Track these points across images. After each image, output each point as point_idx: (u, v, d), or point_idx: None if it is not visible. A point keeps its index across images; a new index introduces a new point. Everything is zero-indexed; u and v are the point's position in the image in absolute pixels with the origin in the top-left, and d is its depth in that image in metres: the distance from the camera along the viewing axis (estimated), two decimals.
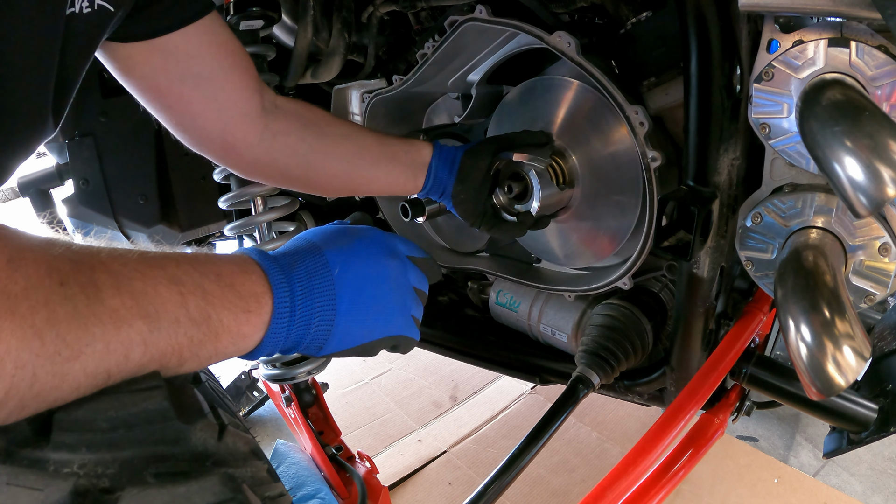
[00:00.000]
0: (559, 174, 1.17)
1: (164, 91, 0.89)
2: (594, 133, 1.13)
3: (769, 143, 0.87)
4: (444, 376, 2.53)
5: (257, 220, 1.30)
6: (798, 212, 0.89)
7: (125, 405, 0.48)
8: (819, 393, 0.70)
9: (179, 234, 1.60)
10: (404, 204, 1.23)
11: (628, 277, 1.13)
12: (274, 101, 1.02)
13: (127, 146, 1.48)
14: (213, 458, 0.51)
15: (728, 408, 1.19)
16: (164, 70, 0.86)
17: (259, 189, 1.27)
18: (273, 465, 1.34)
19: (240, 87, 0.94)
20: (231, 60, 0.92)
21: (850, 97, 0.69)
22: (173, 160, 1.53)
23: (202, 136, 0.97)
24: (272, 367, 1.36)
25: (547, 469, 1.97)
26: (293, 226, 1.40)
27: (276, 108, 1.01)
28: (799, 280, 0.78)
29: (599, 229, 1.19)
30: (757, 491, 1.83)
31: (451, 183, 1.11)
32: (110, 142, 1.47)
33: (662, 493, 1.02)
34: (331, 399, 1.78)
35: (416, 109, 1.51)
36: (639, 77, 1.06)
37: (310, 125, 1.04)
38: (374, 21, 1.41)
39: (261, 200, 1.30)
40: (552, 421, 1.00)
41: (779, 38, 0.81)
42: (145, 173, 1.50)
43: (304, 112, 1.05)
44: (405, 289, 0.76)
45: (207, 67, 0.89)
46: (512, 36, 1.18)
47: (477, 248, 1.52)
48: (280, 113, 1.02)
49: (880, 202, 0.61)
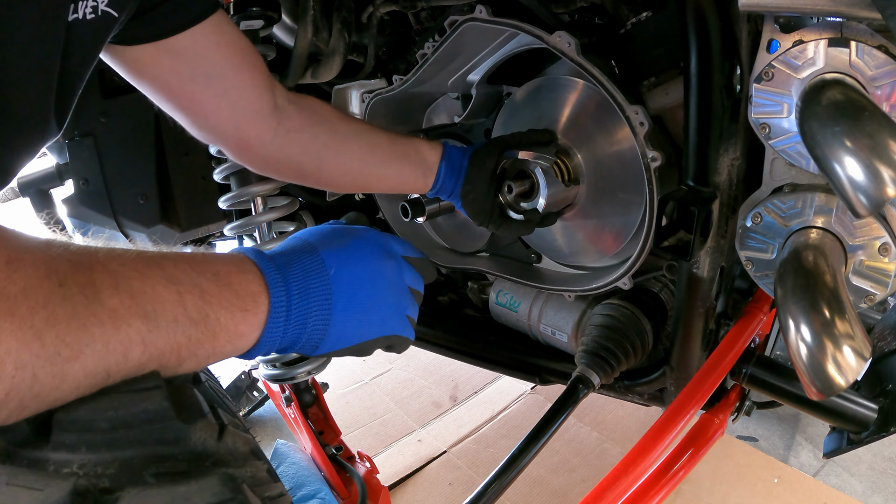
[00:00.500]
0: (564, 172, 1.17)
1: (175, 91, 0.89)
2: (598, 132, 1.14)
3: (769, 143, 0.87)
4: (444, 376, 2.53)
5: (257, 220, 1.30)
6: (798, 212, 0.89)
7: (125, 405, 0.48)
8: (819, 393, 0.70)
9: (179, 234, 1.60)
10: (404, 204, 1.23)
11: (628, 277, 1.13)
12: (287, 98, 1.01)
13: (127, 146, 1.48)
14: (213, 458, 0.51)
15: (728, 408, 1.19)
16: (174, 70, 0.86)
17: (259, 189, 1.27)
18: (273, 465, 1.34)
19: (251, 85, 0.93)
20: (240, 58, 0.92)
21: (850, 97, 0.69)
22: (173, 160, 1.52)
23: (217, 133, 0.97)
24: (272, 367, 1.36)
25: (547, 469, 1.97)
26: (293, 226, 1.40)
27: (288, 105, 1.01)
28: (799, 280, 0.78)
29: (605, 226, 1.19)
30: (757, 491, 1.83)
31: (460, 182, 1.11)
32: (110, 142, 1.46)
33: (662, 493, 1.02)
34: (331, 399, 1.78)
35: (415, 109, 1.51)
36: (639, 77, 1.06)
37: (322, 122, 1.04)
38: (374, 21, 1.41)
39: (261, 200, 1.30)
40: (552, 421, 1.00)
41: (779, 38, 0.81)
42: (145, 173, 1.50)
43: (317, 108, 1.05)
44: (401, 289, 0.76)
45: (217, 66, 0.89)
46: (512, 36, 1.18)
47: (477, 248, 1.52)
48: (293, 109, 1.02)
49: (880, 202, 0.61)
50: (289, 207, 1.34)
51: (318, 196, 1.73)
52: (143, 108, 1.44)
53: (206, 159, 1.51)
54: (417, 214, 1.23)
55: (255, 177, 1.27)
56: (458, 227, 1.54)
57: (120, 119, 1.46)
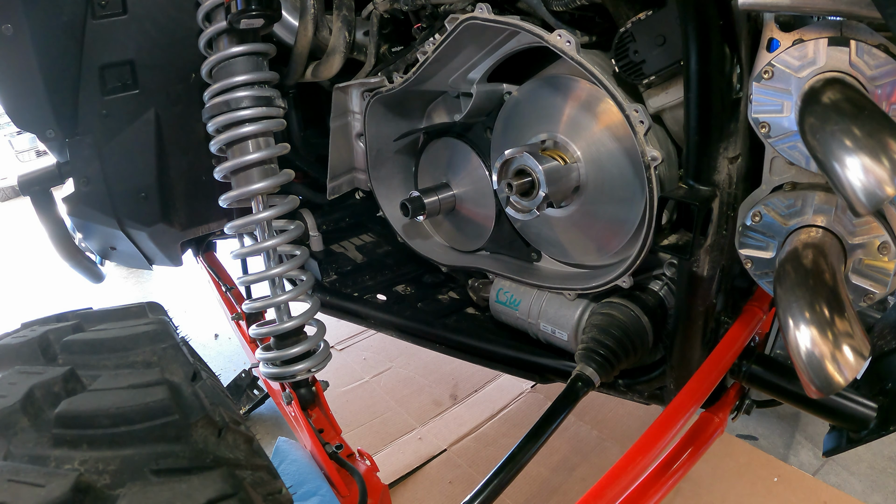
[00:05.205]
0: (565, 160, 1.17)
1: None
2: (598, 131, 1.14)
3: (769, 141, 0.88)
4: (445, 375, 2.53)
5: (257, 218, 1.30)
6: (798, 210, 0.89)
7: (126, 402, 0.48)
8: (818, 391, 0.70)
9: (180, 233, 1.60)
10: (404, 202, 1.23)
11: (628, 276, 1.13)
12: None
13: (127, 145, 1.48)
14: (214, 455, 0.51)
15: (728, 406, 1.19)
16: None
17: (259, 187, 1.27)
18: (275, 462, 1.34)
19: None
20: None
21: (849, 96, 0.69)
22: (174, 159, 1.53)
23: None
24: (272, 366, 1.36)
25: (547, 467, 1.97)
26: (293, 224, 1.40)
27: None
28: (798, 279, 0.78)
29: (605, 225, 1.19)
30: (757, 489, 1.83)
31: None
32: (111, 140, 1.47)
33: (662, 492, 1.02)
34: (331, 397, 1.78)
35: (416, 108, 1.51)
36: (639, 76, 1.06)
37: None
38: (375, 19, 1.41)
39: (261, 199, 1.30)
40: (552, 419, 1.00)
41: (779, 37, 0.81)
42: (146, 172, 1.50)
43: None
44: None
45: None
46: (512, 35, 1.18)
47: (477, 247, 1.52)
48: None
49: (880, 201, 0.61)
50: (289, 205, 1.34)
51: (319, 194, 1.73)
52: (144, 106, 1.44)
53: (206, 158, 1.51)
54: (417, 213, 1.23)
55: (255, 175, 1.27)
56: (458, 225, 1.54)
57: (120, 117, 1.46)
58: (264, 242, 1.31)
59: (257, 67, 1.25)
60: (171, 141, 1.50)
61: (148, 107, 1.44)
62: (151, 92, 1.42)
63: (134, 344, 0.76)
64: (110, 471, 0.45)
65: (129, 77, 1.39)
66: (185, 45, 1.37)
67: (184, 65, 1.42)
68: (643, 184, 1.04)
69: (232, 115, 1.23)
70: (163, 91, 1.44)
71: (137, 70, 1.39)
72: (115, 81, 1.41)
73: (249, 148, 1.26)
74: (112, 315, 0.90)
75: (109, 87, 1.41)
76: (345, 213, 1.92)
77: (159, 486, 0.45)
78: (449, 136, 1.46)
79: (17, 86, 1.34)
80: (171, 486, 0.45)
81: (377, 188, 1.61)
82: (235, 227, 1.32)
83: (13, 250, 5.30)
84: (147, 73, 1.40)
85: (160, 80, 1.42)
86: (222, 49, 1.22)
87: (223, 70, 1.24)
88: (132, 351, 0.74)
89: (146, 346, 0.75)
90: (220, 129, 1.26)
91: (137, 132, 1.47)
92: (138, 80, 1.40)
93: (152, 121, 1.47)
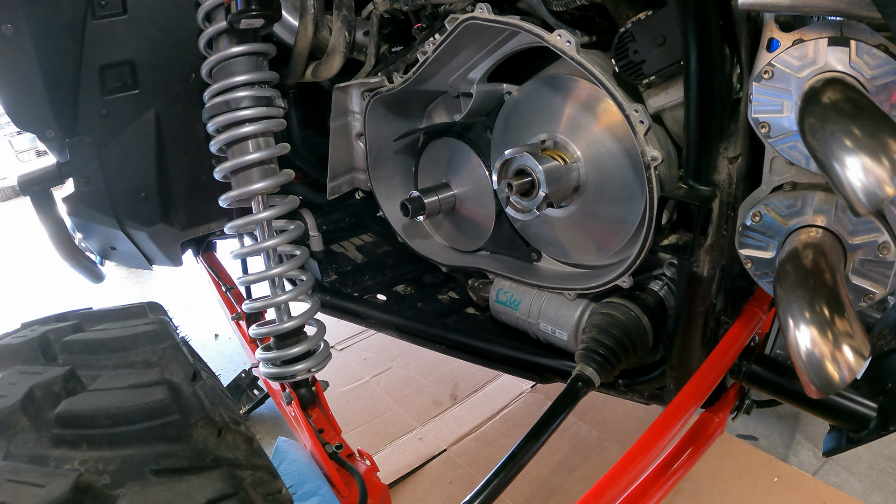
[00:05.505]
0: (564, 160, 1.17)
1: None
2: (598, 131, 1.14)
3: (769, 141, 0.87)
4: (445, 375, 2.53)
5: (258, 218, 1.30)
6: (798, 210, 0.89)
7: (126, 402, 0.48)
8: (818, 391, 0.70)
9: (180, 233, 1.60)
10: (404, 202, 1.23)
11: (628, 276, 1.13)
12: None
13: (127, 145, 1.48)
14: (214, 455, 0.51)
15: (728, 406, 1.19)
16: None
17: (259, 187, 1.27)
18: (275, 462, 1.34)
19: None
20: None
21: (849, 96, 0.69)
22: (174, 159, 1.53)
23: None
24: (272, 366, 1.37)
25: (547, 467, 1.97)
26: (293, 224, 1.40)
27: None
28: (798, 279, 0.78)
29: (605, 225, 1.19)
30: (757, 489, 1.83)
31: None
32: (111, 140, 1.47)
33: (662, 492, 1.02)
34: (331, 397, 1.78)
35: (416, 108, 1.51)
36: (638, 76, 1.06)
37: None
38: (375, 19, 1.41)
39: (261, 199, 1.30)
40: (552, 419, 1.00)
41: (779, 36, 0.81)
42: (146, 172, 1.50)
43: None
44: None
45: None
46: (512, 34, 1.18)
47: (477, 247, 1.52)
48: None
49: (880, 201, 0.61)
50: (289, 205, 1.34)
51: (319, 194, 1.73)
52: (144, 106, 1.44)
53: (206, 158, 1.51)
54: (417, 213, 1.23)
55: (255, 175, 1.27)
56: (458, 225, 1.54)
57: (120, 118, 1.46)
58: (264, 242, 1.31)
59: (257, 67, 1.25)
60: (171, 141, 1.50)
61: (148, 107, 1.44)
62: (151, 92, 1.42)
63: (134, 344, 0.76)
64: (110, 471, 0.45)
65: (129, 77, 1.39)
66: (185, 45, 1.37)
67: (184, 65, 1.42)
68: (643, 184, 1.04)
69: (232, 115, 1.23)
70: (163, 91, 1.44)
71: (137, 70, 1.39)
72: (115, 81, 1.42)
73: (249, 148, 1.26)
74: (112, 315, 0.90)
75: (109, 87, 1.41)
76: (345, 213, 1.92)
77: (159, 486, 0.45)
78: (449, 136, 1.46)
79: (17, 86, 1.34)
80: (171, 486, 0.45)
81: (377, 188, 1.61)
82: (235, 227, 1.32)
83: (13, 250, 5.30)
84: (147, 73, 1.40)
85: (160, 80, 1.42)
86: (222, 49, 1.22)
87: (223, 70, 1.24)
88: (132, 351, 0.74)
89: (146, 346, 0.75)
90: (220, 129, 1.26)
91: (137, 132, 1.47)
92: (138, 80, 1.40)
93: (152, 121, 1.47)
